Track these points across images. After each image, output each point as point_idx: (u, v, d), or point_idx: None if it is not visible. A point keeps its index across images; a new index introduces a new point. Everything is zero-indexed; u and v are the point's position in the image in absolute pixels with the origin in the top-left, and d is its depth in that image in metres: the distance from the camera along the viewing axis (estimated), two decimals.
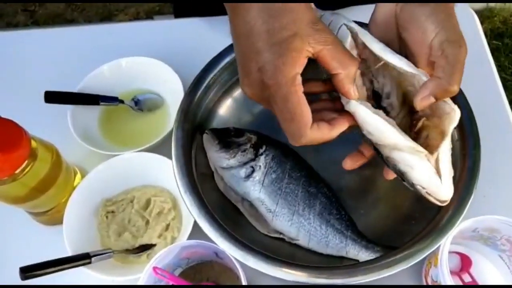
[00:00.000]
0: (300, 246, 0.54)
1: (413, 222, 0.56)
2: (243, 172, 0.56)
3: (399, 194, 0.58)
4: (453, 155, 0.54)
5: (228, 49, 0.60)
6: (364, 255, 0.53)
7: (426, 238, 0.48)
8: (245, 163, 0.56)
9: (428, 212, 0.55)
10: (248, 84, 0.39)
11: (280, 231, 0.55)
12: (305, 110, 0.37)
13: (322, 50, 0.37)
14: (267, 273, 0.47)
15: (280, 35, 0.36)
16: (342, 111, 0.42)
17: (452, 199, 0.50)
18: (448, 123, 0.41)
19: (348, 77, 0.39)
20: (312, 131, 0.38)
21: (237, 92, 0.64)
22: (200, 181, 0.55)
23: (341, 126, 0.41)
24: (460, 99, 0.55)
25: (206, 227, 0.49)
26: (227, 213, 0.55)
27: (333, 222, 0.54)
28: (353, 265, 0.49)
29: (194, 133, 0.58)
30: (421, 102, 0.40)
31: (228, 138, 0.58)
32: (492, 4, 1.62)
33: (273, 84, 0.36)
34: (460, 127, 0.54)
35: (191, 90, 0.59)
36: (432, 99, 0.40)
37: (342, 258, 0.54)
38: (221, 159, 0.57)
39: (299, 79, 0.37)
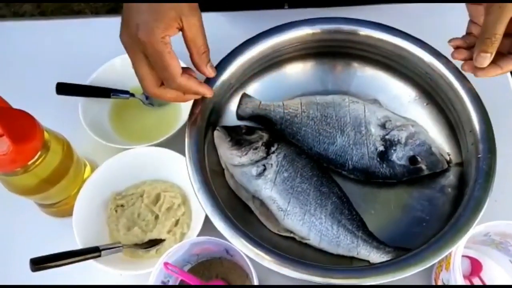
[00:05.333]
0: (310, 246, 0.54)
1: (424, 224, 0.55)
2: (254, 170, 0.56)
3: (410, 196, 0.58)
4: (468, 159, 0.55)
5: (241, 47, 0.60)
6: (375, 256, 0.52)
7: (439, 242, 0.48)
8: (257, 161, 0.56)
9: (439, 215, 0.55)
10: (126, 35, 0.47)
11: (291, 230, 0.54)
12: (174, 63, 0.47)
13: (188, 30, 0.47)
14: (282, 273, 0.47)
15: (162, 6, 0.45)
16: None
17: (467, 202, 0.50)
18: None
19: (199, 56, 0.49)
20: (182, 78, 0.48)
21: (250, 89, 0.64)
22: (211, 178, 0.54)
23: (206, 89, 0.52)
24: (475, 104, 0.55)
25: (220, 225, 0.49)
26: (237, 211, 0.54)
27: (344, 222, 0.54)
28: (369, 267, 0.49)
29: (206, 130, 0.58)
30: None
31: (239, 135, 0.58)
32: None
33: (147, 41, 0.45)
34: (475, 131, 0.54)
35: None
36: None
37: (352, 258, 0.54)
38: (232, 157, 0.57)
39: (167, 39, 0.46)
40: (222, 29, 0.74)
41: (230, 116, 0.63)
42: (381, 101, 0.63)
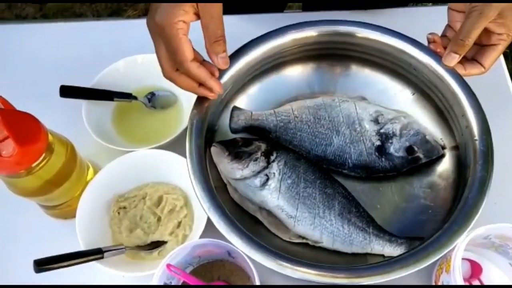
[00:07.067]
0: (323, 249, 0.55)
1: (430, 211, 0.57)
2: (257, 181, 0.56)
3: (411, 186, 0.59)
4: (463, 142, 0.57)
5: (242, 49, 0.60)
6: (389, 249, 0.53)
7: (453, 226, 0.49)
8: (259, 172, 0.56)
9: (443, 200, 0.57)
10: (149, 19, 0.49)
11: (303, 235, 0.55)
12: (184, 47, 0.48)
13: (203, 16, 0.48)
14: (295, 276, 0.47)
15: None
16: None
17: (472, 183, 0.52)
18: None
19: (210, 44, 0.49)
20: (191, 64, 0.49)
21: (252, 90, 0.65)
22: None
23: (215, 83, 0.52)
24: (464, 89, 0.57)
25: (238, 242, 0.48)
26: (245, 224, 0.53)
27: (354, 220, 0.54)
28: (391, 261, 0.49)
29: (205, 148, 0.57)
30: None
31: (237, 148, 0.57)
32: None
33: (161, 24, 0.47)
34: (467, 115, 0.56)
35: None
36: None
37: (366, 255, 0.54)
38: (233, 171, 0.56)
39: (181, 24, 0.48)
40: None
41: (223, 132, 0.63)
42: (369, 97, 0.64)
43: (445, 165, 0.60)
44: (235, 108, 0.63)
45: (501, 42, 0.51)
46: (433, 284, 0.55)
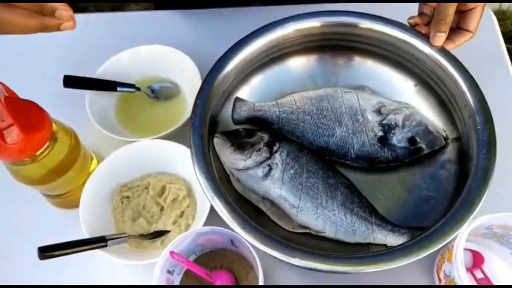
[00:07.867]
0: (326, 238, 0.55)
1: (432, 201, 0.57)
2: (260, 171, 0.56)
3: (414, 177, 0.60)
4: (465, 133, 0.57)
5: (244, 39, 0.60)
6: (391, 239, 0.53)
7: (457, 214, 0.49)
8: (262, 162, 0.56)
9: (445, 191, 0.57)
10: None
11: (306, 225, 0.55)
12: None
13: None
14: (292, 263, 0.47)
15: None
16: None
17: (474, 173, 0.52)
18: None
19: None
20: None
21: (255, 81, 0.65)
22: None
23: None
24: (466, 79, 0.57)
25: (242, 231, 0.48)
26: (248, 215, 0.52)
27: (356, 210, 0.55)
28: (395, 249, 0.49)
29: (210, 124, 0.58)
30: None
31: (240, 139, 0.58)
32: (504, 6, 1.61)
33: None
34: (470, 104, 0.56)
35: (208, 79, 0.58)
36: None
37: (368, 245, 0.54)
38: (236, 161, 0.56)
39: None
40: (217, 25, 0.76)
41: (225, 123, 0.63)
42: (371, 89, 0.64)
43: (448, 156, 0.60)
44: (237, 99, 0.63)
45: (478, 3, 0.53)
46: (435, 273, 0.55)
